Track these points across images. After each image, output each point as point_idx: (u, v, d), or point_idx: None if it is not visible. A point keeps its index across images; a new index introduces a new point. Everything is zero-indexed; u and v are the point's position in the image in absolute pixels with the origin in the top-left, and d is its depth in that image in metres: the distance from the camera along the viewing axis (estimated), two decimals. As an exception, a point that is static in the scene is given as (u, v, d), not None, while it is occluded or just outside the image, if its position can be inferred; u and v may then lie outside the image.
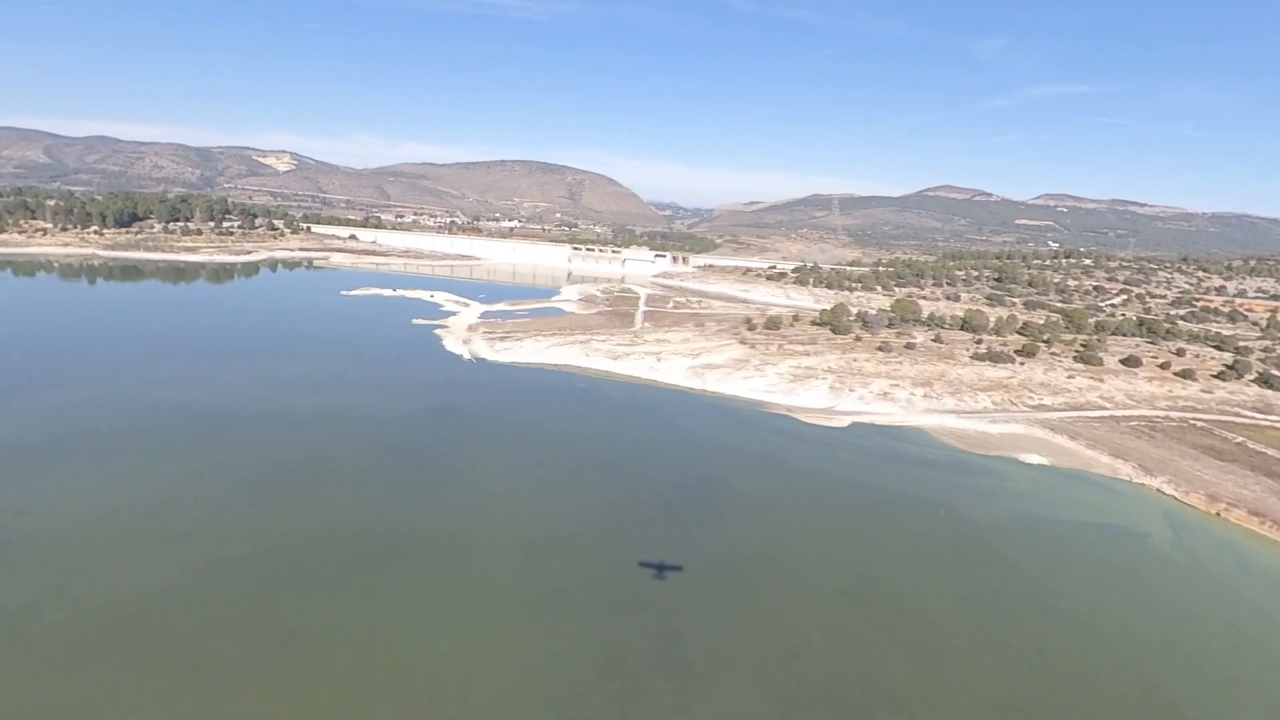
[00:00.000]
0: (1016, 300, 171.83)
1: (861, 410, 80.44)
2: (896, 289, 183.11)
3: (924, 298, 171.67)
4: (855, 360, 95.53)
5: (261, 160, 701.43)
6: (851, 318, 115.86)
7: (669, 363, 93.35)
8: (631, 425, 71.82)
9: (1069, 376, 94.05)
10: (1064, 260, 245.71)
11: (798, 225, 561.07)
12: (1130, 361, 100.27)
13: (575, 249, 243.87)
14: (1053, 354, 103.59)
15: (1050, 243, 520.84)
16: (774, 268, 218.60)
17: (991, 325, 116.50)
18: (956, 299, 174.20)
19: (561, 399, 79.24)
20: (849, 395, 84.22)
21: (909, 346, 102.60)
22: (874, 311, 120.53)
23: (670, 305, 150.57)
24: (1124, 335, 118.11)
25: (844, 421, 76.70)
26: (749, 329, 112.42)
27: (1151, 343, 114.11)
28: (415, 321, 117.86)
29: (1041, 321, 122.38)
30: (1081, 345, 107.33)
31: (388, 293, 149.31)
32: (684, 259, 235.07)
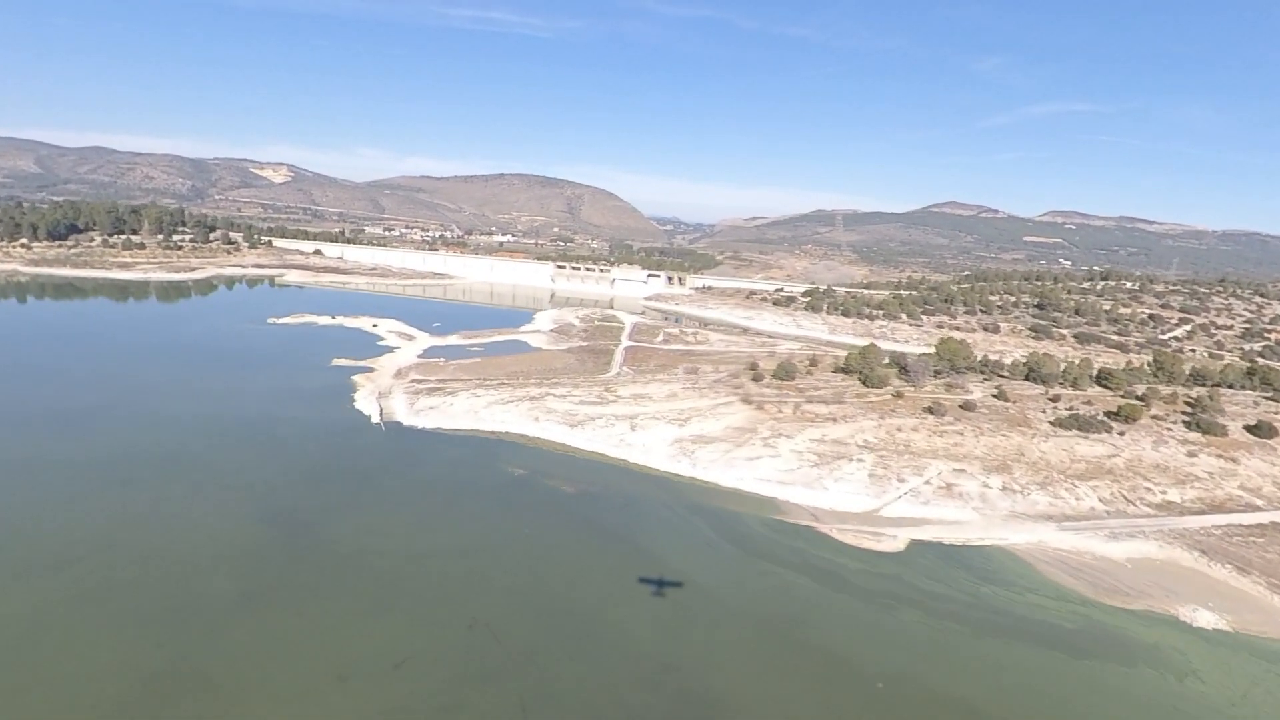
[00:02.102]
0: (1065, 332, 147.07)
1: (920, 517, 55.52)
2: (924, 317, 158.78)
3: (958, 328, 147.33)
4: (900, 429, 70.57)
5: (258, 172, 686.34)
6: (885, 363, 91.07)
7: (647, 432, 68.58)
8: (575, 561, 46.80)
9: (1189, 454, 69.07)
10: (1103, 282, 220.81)
11: (801, 241, 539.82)
12: (1262, 430, 75.22)
13: (559, 267, 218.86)
14: (1154, 417, 78.68)
15: (1061, 260, 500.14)
16: (781, 290, 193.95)
17: (1062, 371, 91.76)
18: (995, 330, 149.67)
19: (479, 501, 54.24)
20: (898, 488, 59.38)
21: (966, 407, 77.77)
22: (915, 354, 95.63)
23: (659, 338, 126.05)
24: (1228, 386, 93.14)
25: (897, 540, 51.76)
26: (754, 379, 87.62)
27: (1271, 398, 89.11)
28: (335, 362, 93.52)
29: (1122, 367, 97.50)
30: (1188, 404, 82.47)
31: (324, 320, 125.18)
32: (680, 279, 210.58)
